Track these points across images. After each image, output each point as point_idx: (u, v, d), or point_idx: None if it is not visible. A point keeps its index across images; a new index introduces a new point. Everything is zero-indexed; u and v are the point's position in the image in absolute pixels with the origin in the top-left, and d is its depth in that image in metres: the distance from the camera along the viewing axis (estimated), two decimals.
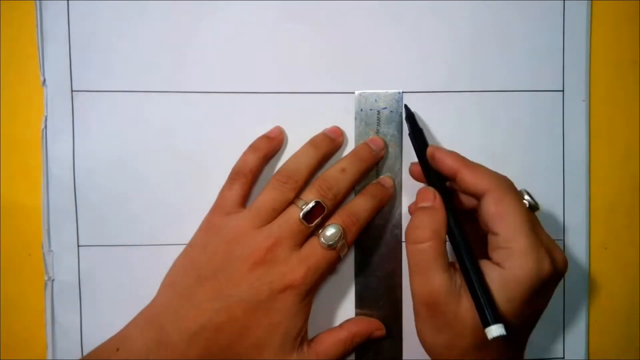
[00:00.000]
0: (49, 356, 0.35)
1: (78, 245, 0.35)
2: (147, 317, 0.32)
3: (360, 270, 0.36)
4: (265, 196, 0.32)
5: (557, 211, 0.36)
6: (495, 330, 0.27)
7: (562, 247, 0.36)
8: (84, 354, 0.35)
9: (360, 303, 0.36)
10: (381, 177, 0.35)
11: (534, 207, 0.31)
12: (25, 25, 0.35)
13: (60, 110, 0.35)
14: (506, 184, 0.30)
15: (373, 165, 0.35)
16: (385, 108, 0.35)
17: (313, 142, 0.34)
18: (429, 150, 0.32)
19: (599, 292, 0.37)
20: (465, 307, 0.29)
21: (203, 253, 0.32)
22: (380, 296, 0.36)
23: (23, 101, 0.35)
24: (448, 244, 0.30)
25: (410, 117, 0.34)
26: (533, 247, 0.28)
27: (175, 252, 0.33)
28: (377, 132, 0.35)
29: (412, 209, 0.34)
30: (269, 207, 0.32)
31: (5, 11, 0.35)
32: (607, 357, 0.37)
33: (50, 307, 0.35)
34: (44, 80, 0.35)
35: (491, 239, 0.29)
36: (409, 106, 0.35)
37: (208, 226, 0.33)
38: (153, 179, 0.35)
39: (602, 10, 0.36)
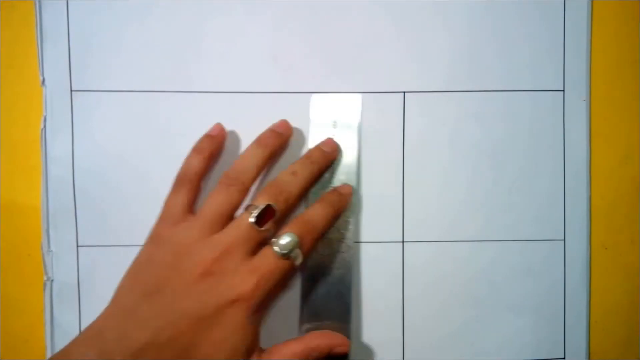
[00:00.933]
0: (48, 356, 0.35)
1: (77, 246, 0.35)
2: (89, 336, 0.29)
3: (307, 280, 0.34)
4: (211, 201, 0.31)
5: (558, 211, 0.36)
6: None
7: (562, 247, 0.36)
8: None
9: (307, 314, 0.34)
10: (340, 185, 0.35)
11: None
12: (24, 25, 0.35)
13: (59, 110, 0.35)
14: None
15: (325, 167, 0.34)
16: (342, 111, 0.35)
17: (259, 141, 0.33)
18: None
19: (600, 292, 0.37)
20: None
21: (149, 267, 0.30)
22: (328, 305, 0.34)
23: (22, 101, 0.35)
24: None
25: None
26: None
27: None
28: (333, 135, 0.35)
29: None
30: (215, 212, 0.30)
31: (5, 11, 0.35)
32: (608, 357, 0.37)
33: (50, 307, 0.35)
34: (43, 80, 0.35)
35: None
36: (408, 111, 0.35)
37: (154, 239, 0.31)
38: (153, 179, 0.35)
39: (602, 10, 0.36)
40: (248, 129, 0.35)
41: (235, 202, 0.31)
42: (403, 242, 0.36)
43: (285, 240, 0.30)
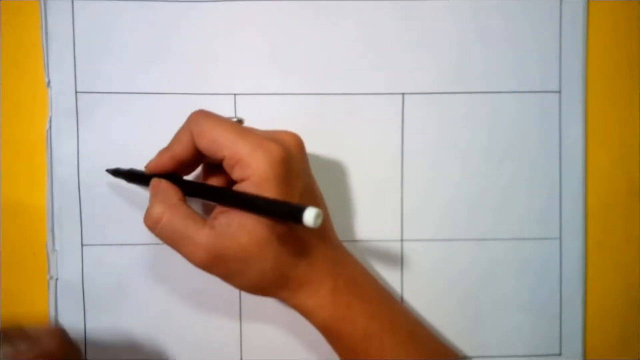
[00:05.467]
0: None
1: (82, 245, 0.35)
2: None
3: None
4: None
5: (554, 210, 0.37)
6: (310, 214, 0.25)
7: (559, 246, 0.37)
8: (87, 352, 0.35)
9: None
10: None
11: (240, 121, 0.31)
12: (29, 27, 0.35)
13: (64, 111, 0.35)
14: (197, 118, 0.30)
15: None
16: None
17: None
18: (149, 167, 0.32)
19: (595, 290, 0.37)
20: (247, 234, 0.28)
21: None
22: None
23: (27, 102, 0.35)
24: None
25: (116, 172, 0.34)
26: (253, 144, 0.28)
27: None
28: None
29: None
30: None
31: (10, 12, 0.35)
32: (604, 354, 0.37)
33: (54, 305, 0.35)
34: (49, 82, 0.35)
35: (226, 165, 0.29)
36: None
37: None
38: None
39: (599, 10, 0.37)
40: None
41: None
42: (402, 240, 0.36)
43: None
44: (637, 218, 0.37)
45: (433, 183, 0.36)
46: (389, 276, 0.36)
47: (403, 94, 0.36)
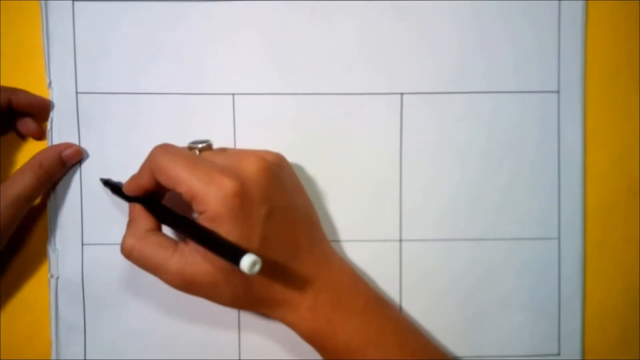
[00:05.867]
0: (53, 353, 0.36)
1: (82, 244, 0.36)
2: None
3: None
4: None
5: (553, 210, 0.37)
6: (245, 262, 0.26)
7: (557, 246, 0.37)
8: (87, 351, 0.36)
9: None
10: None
11: (208, 147, 0.32)
12: (30, 27, 0.35)
13: (65, 112, 0.35)
14: (154, 155, 0.31)
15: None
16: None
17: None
18: (125, 189, 0.33)
19: (594, 290, 0.37)
20: (211, 263, 0.29)
21: None
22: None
23: None
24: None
25: (106, 183, 0.35)
26: (204, 180, 0.29)
27: None
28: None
29: None
30: None
31: (10, 13, 0.35)
32: (603, 354, 0.37)
33: (55, 304, 0.35)
34: (50, 82, 0.35)
35: (185, 199, 0.30)
36: None
37: None
38: None
39: (598, 11, 0.36)
40: (248, 129, 0.36)
41: None
42: (401, 240, 0.36)
43: None
44: (637, 218, 0.37)
45: (432, 183, 0.36)
46: (387, 277, 0.36)
47: (402, 93, 0.36)
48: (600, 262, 0.37)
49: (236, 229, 0.29)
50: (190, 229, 0.29)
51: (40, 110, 0.35)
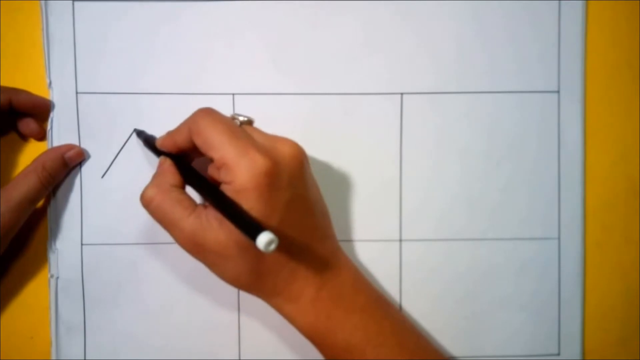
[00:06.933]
0: (53, 353, 0.36)
1: (82, 244, 0.36)
2: None
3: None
4: None
5: (553, 209, 0.37)
6: (263, 238, 0.26)
7: (557, 246, 0.37)
8: (87, 351, 0.36)
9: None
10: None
11: (249, 122, 0.32)
12: (30, 28, 0.35)
13: (65, 112, 0.35)
14: (196, 116, 0.31)
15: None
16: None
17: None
18: (159, 144, 0.33)
19: (594, 290, 0.37)
20: (227, 233, 0.29)
21: None
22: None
23: None
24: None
25: (140, 134, 0.35)
26: (240, 151, 0.29)
27: (179, 251, 0.34)
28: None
29: None
30: None
31: (10, 13, 0.35)
32: (602, 354, 0.37)
33: (55, 304, 0.35)
34: (50, 82, 0.35)
35: (216, 166, 0.30)
36: None
37: None
38: None
39: (597, 10, 0.37)
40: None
41: None
42: (400, 240, 0.36)
43: None
44: (637, 218, 0.37)
45: (432, 183, 0.36)
46: (387, 277, 0.36)
47: (402, 93, 0.36)
48: (600, 262, 0.37)
49: (259, 206, 0.28)
50: (215, 195, 0.29)
51: (41, 111, 0.35)
